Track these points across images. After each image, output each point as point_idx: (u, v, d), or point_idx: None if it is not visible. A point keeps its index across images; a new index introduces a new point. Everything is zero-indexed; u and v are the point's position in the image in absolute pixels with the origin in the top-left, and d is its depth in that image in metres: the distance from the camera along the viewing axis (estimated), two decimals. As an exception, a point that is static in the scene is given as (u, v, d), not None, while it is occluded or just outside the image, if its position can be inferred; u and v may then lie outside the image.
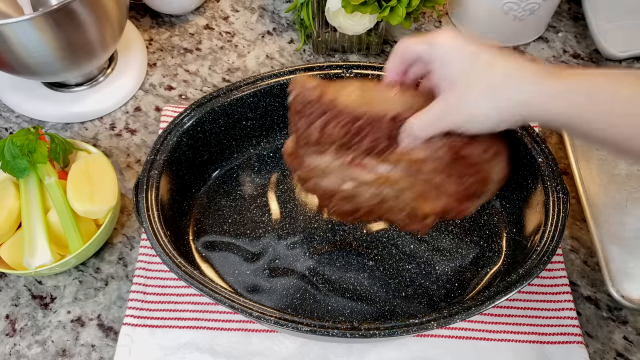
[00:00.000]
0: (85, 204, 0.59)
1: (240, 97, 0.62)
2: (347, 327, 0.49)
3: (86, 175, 0.61)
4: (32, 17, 0.57)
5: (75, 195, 0.60)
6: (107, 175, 0.62)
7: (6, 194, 0.61)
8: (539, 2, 0.74)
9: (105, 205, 0.60)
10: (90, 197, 0.60)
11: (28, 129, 0.62)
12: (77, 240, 0.59)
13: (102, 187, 0.61)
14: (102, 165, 0.63)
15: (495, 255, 0.62)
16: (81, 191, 0.60)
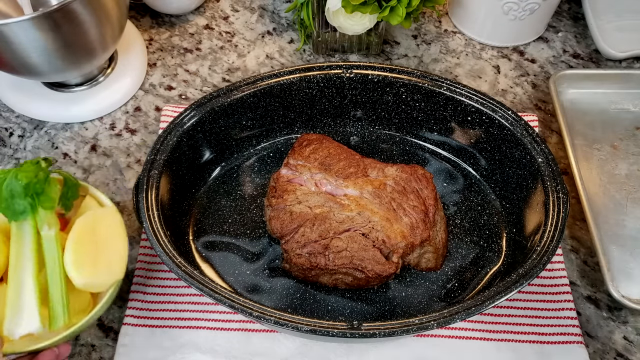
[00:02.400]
0: (84, 275, 0.48)
1: (240, 97, 0.62)
2: (347, 327, 0.49)
3: (92, 234, 0.50)
4: (32, 17, 0.57)
5: (75, 260, 0.48)
6: (117, 239, 0.51)
7: None
8: (539, 2, 0.74)
9: (109, 278, 0.50)
10: (93, 266, 0.49)
11: (38, 163, 0.50)
12: (62, 317, 0.47)
13: (109, 253, 0.50)
14: (113, 224, 0.52)
15: (495, 255, 0.62)
16: (83, 256, 0.49)
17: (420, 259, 0.60)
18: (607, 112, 0.74)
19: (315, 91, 0.65)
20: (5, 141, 0.73)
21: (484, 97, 0.62)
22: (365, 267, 0.56)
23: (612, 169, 0.69)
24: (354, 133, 0.70)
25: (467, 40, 0.82)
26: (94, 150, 0.72)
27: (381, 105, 0.67)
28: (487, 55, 0.81)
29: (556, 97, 0.71)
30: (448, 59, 0.80)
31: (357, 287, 0.59)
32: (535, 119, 0.72)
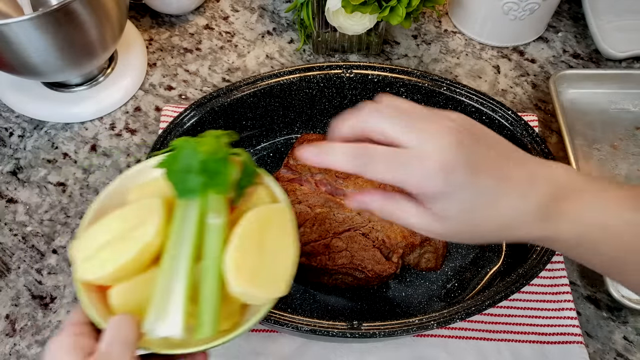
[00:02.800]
0: (244, 281, 0.39)
1: (240, 97, 0.62)
2: (347, 327, 0.49)
3: (260, 235, 0.41)
4: (32, 17, 0.57)
5: (237, 262, 0.39)
6: (286, 247, 0.42)
7: (147, 220, 0.41)
8: (539, 2, 0.74)
9: (270, 291, 0.40)
10: (255, 274, 0.39)
11: (222, 136, 0.43)
12: (210, 326, 0.39)
13: (275, 262, 0.41)
14: (284, 227, 0.42)
15: (495, 255, 0.62)
16: (247, 259, 0.40)
17: (420, 259, 0.60)
18: (607, 112, 0.74)
19: (315, 91, 0.65)
20: (5, 141, 0.73)
21: (484, 97, 0.62)
22: (366, 267, 0.56)
23: (612, 169, 0.69)
24: (354, 133, 0.70)
25: (467, 40, 0.82)
26: (94, 150, 0.72)
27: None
28: (487, 55, 0.81)
29: (556, 97, 0.71)
30: (448, 59, 0.80)
31: (357, 287, 0.59)
32: (535, 119, 0.72)
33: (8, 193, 0.68)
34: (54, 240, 0.65)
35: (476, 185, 0.33)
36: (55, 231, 0.66)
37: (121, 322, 0.37)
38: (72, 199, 0.68)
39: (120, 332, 0.36)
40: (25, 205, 0.67)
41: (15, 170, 0.70)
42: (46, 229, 0.66)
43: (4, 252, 0.64)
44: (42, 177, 0.70)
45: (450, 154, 0.33)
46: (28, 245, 0.65)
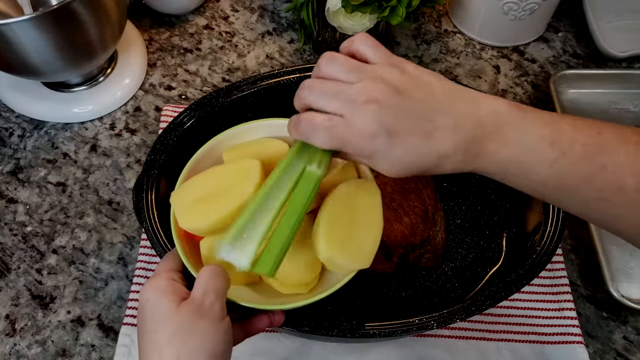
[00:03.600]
0: (333, 248, 0.42)
1: (240, 97, 0.62)
2: (347, 327, 0.49)
3: (349, 208, 0.44)
4: (32, 17, 0.57)
5: (328, 228, 0.42)
6: (373, 222, 0.45)
7: (247, 178, 0.44)
8: (539, 2, 0.74)
9: (355, 262, 0.43)
10: (343, 242, 0.42)
11: None
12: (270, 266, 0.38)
13: (362, 235, 0.44)
14: (372, 203, 0.45)
15: (495, 255, 0.62)
16: (337, 226, 0.42)
17: (420, 258, 0.60)
18: (607, 112, 0.74)
19: (315, 91, 0.65)
20: (5, 141, 0.73)
21: (484, 97, 0.62)
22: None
23: (612, 169, 0.69)
24: (354, 133, 0.70)
25: (467, 40, 0.82)
26: (94, 150, 0.72)
27: (381, 105, 0.67)
28: (487, 55, 0.81)
29: (556, 97, 0.71)
30: (448, 59, 0.80)
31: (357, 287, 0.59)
32: (535, 119, 0.72)
33: (8, 193, 0.68)
34: (54, 240, 0.65)
35: (400, 145, 0.37)
36: (55, 231, 0.66)
37: (215, 272, 0.39)
38: (72, 199, 0.68)
39: (214, 282, 0.39)
40: (25, 205, 0.67)
41: (15, 170, 0.70)
42: (46, 229, 0.66)
43: (4, 252, 0.64)
44: (42, 177, 0.70)
45: (372, 122, 0.36)
46: (28, 245, 0.65)
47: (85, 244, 0.65)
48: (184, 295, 0.39)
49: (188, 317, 0.37)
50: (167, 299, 0.38)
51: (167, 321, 0.37)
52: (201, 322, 0.37)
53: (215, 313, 0.38)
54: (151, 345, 0.37)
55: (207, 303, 0.38)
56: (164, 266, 0.42)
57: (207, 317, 0.37)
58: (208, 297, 0.38)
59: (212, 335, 0.37)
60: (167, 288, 0.39)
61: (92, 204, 0.67)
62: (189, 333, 0.36)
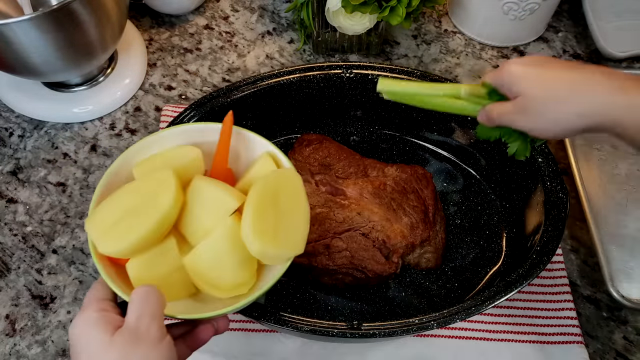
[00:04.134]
0: (264, 241, 0.41)
1: (240, 97, 0.62)
2: (347, 327, 0.49)
3: (273, 199, 0.43)
4: (32, 17, 0.57)
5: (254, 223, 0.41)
6: (299, 207, 0.45)
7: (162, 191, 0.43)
8: (539, 2, 0.74)
9: (288, 250, 0.43)
10: (274, 234, 0.42)
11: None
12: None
13: (290, 223, 0.44)
14: (294, 190, 0.45)
15: (495, 255, 0.62)
16: (263, 220, 0.42)
17: (420, 259, 0.60)
18: (607, 112, 0.74)
19: (315, 91, 0.65)
20: (5, 141, 0.73)
21: (484, 97, 0.62)
22: (366, 267, 0.56)
23: (612, 169, 0.69)
24: (354, 133, 0.70)
25: (467, 40, 0.82)
26: (94, 150, 0.72)
27: (381, 105, 0.67)
28: (487, 55, 0.81)
29: (556, 97, 0.71)
30: (448, 59, 0.80)
31: (357, 287, 0.59)
32: (535, 119, 0.72)
33: (8, 193, 0.68)
34: (54, 240, 0.65)
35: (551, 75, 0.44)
36: (55, 231, 0.66)
37: (148, 293, 0.38)
38: (72, 199, 0.68)
39: (147, 304, 0.37)
40: (25, 205, 0.67)
41: (15, 170, 0.70)
42: (46, 229, 0.66)
43: (4, 252, 0.64)
44: (42, 177, 0.70)
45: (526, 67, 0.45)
46: (28, 245, 0.65)
47: (85, 244, 0.65)
48: (119, 324, 0.37)
49: (124, 345, 0.35)
50: (98, 330, 0.36)
51: (102, 354, 0.35)
52: (139, 348, 0.36)
53: (152, 336, 0.36)
54: None
55: (142, 327, 0.36)
56: (93, 296, 0.40)
57: (144, 341, 0.36)
58: (143, 320, 0.36)
59: (153, 359, 0.36)
60: (97, 320, 0.37)
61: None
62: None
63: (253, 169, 0.47)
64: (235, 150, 0.48)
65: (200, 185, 0.44)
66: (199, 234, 0.44)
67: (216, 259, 0.43)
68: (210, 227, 0.43)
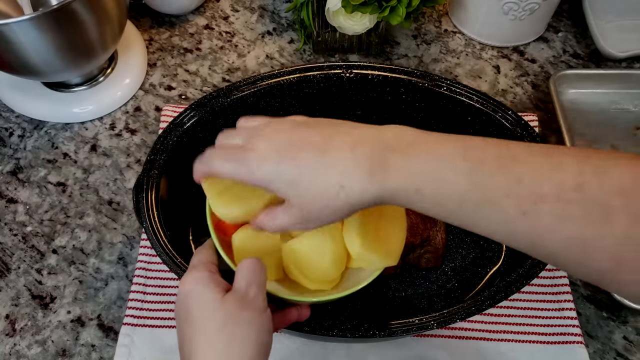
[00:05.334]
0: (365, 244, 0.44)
1: (240, 97, 0.62)
2: (347, 327, 0.49)
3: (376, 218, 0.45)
4: (32, 17, 0.57)
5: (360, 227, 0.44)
6: (398, 222, 0.47)
7: None
8: (539, 2, 0.74)
9: (384, 259, 0.45)
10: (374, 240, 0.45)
11: None
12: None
13: (389, 234, 0.46)
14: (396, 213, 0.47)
15: (495, 255, 0.62)
16: (366, 231, 0.44)
17: (420, 258, 0.60)
18: (607, 112, 0.74)
19: (315, 91, 0.65)
20: (5, 141, 0.73)
21: (484, 97, 0.62)
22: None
23: (612, 169, 0.69)
24: (354, 133, 0.70)
25: (467, 40, 0.82)
26: (94, 150, 0.72)
27: (381, 105, 0.67)
28: (487, 55, 0.81)
29: (556, 97, 0.71)
30: (448, 59, 0.80)
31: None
32: (535, 119, 0.72)
33: (8, 193, 0.68)
34: (54, 240, 0.65)
35: (293, 165, 0.37)
36: (55, 231, 0.66)
37: (257, 266, 0.41)
38: (72, 199, 0.68)
39: (257, 274, 0.40)
40: (25, 205, 0.67)
41: (15, 170, 0.70)
42: (46, 229, 0.66)
43: (4, 252, 0.64)
44: (42, 177, 0.70)
45: (266, 146, 0.37)
46: (28, 245, 0.65)
47: (85, 244, 0.65)
48: (225, 287, 0.40)
49: (234, 307, 0.38)
50: (211, 289, 0.39)
51: (213, 311, 0.38)
52: (246, 312, 0.38)
53: (258, 304, 0.39)
54: (199, 334, 0.38)
55: (250, 295, 0.39)
56: (200, 258, 0.43)
57: (251, 308, 0.39)
58: (251, 289, 0.39)
59: (257, 324, 0.38)
60: (209, 279, 0.40)
61: (92, 204, 0.67)
62: (236, 322, 0.38)
63: None
64: None
65: None
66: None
67: (317, 251, 0.45)
68: None
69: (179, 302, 0.41)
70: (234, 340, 0.37)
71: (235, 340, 0.37)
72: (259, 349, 0.38)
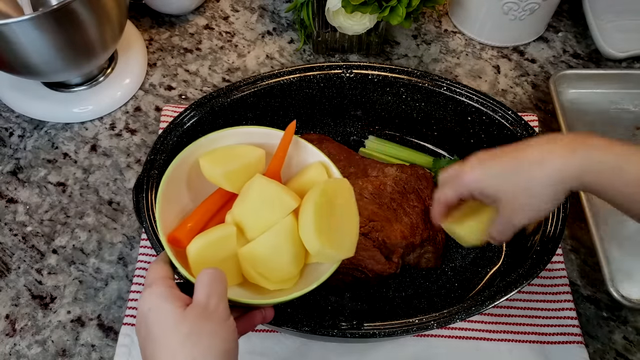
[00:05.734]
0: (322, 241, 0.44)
1: (240, 97, 0.62)
2: (347, 327, 0.49)
3: (329, 205, 0.46)
4: (32, 17, 0.57)
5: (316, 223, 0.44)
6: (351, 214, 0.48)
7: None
8: (539, 2, 0.74)
9: (340, 252, 0.46)
10: (328, 235, 0.45)
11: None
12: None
13: (343, 227, 0.47)
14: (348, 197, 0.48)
15: (495, 255, 0.62)
16: (322, 224, 0.45)
17: (420, 258, 0.60)
18: (607, 112, 0.74)
19: (315, 91, 0.65)
20: (5, 141, 0.73)
21: (484, 97, 0.62)
22: (366, 267, 0.56)
23: (612, 169, 0.69)
24: (354, 133, 0.70)
25: (467, 40, 0.82)
26: (94, 150, 0.72)
27: (381, 105, 0.67)
28: (487, 55, 0.81)
29: (556, 97, 0.71)
30: (448, 59, 0.80)
31: (357, 287, 0.59)
32: (535, 119, 0.72)
33: (8, 193, 0.68)
34: (54, 240, 0.65)
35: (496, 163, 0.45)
36: (55, 231, 0.66)
37: (216, 275, 0.40)
38: (72, 199, 0.68)
39: (216, 285, 0.40)
40: (25, 205, 0.67)
41: (15, 170, 0.70)
42: (46, 229, 0.66)
43: (4, 252, 0.64)
44: (42, 177, 0.70)
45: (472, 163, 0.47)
46: (28, 245, 0.65)
47: (85, 244, 0.65)
48: (186, 300, 0.40)
49: (196, 320, 0.38)
50: (171, 305, 0.39)
51: (175, 326, 0.38)
52: (209, 324, 0.38)
53: (220, 314, 0.39)
54: (162, 350, 0.38)
55: (211, 305, 0.39)
56: (155, 274, 0.42)
57: (213, 318, 0.38)
58: (212, 299, 0.39)
59: (221, 335, 0.38)
60: (167, 294, 0.40)
61: (92, 204, 0.67)
62: (199, 335, 0.37)
63: (306, 175, 0.50)
64: (287, 156, 0.51)
65: (262, 183, 0.47)
66: (257, 228, 0.46)
67: (274, 252, 0.46)
68: (270, 223, 0.46)
69: (139, 322, 0.40)
70: (199, 353, 0.37)
71: (200, 353, 0.37)
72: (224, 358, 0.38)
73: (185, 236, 0.46)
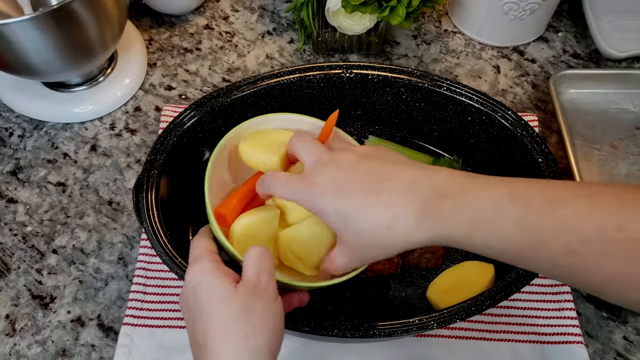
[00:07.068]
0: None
1: (240, 97, 0.62)
2: (347, 327, 0.49)
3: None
4: (32, 17, 0.57)
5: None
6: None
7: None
8: (539, 2, 0.74)
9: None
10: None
11: None
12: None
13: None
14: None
15: (495, 255, 0.62)
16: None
17: (420, 258, 0.60)
18: (607, 112, 0.74)
19: (315, 91, 0.65)
20: (5, 141, 0.73)
21: (484, 97, 0.62)
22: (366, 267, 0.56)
23: (612, 169, 0.69)
24: (354, 133, 0.70)
25: (467, 40, 0.82)
26: (94, 150, 0.72)
27: (381, 105, 0.67)
28: (487, 55, 0.81)
29: (556, 97, 0.71)
30: (448, 59, 0.80)
31: (357, 287, 0.59)
32: (535, 119, 0.72)
33: (8, 193, 0.68)
34: (54, 240, 0.65)
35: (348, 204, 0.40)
36: (55, 231, 0.66)
37: (265, 254, 0.41)
38: (72, 199, 0.68)
39: (266, 263, 0.40)
40: (25, 205, 0.67)
41: (15, 170, 0.70)
42: (46, 229, 0.66)
43: (4, 252, 0.64)
44: (42, 177, 0.70)
45: (326, 181, 0.41)
46: (28, 245, 0.65)
47: (85, 244, 0.65)
48: (234, 277, 0.40)
49: (247, 297, 0.38)
50: (221, 280, 0.39)
51: (227, 302, 0.38)
52: (260, 301, 0.39)
53: (270, 292, 0.39)
54: (213, 325, 0.38)
55: (262, 283, 0.39)
56: (203, 247, 0.43)
57: (264, 296, 0.39)
58: (262, 277, 0.40)
59: (271, 313, 0.39)
60: (217, 269, 0.40)
61: (92, 204, 0.67)
62: (250, 313, 0.38)
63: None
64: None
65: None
66: (298, 212, 0.47)
67: (314, 238, 0.46)
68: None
69: (186, 293, 0.40)
70: (251, 330, 0.37)
71: (251, 330, 0.37)
72: (276, 338, 0.38)
73: (229, 214, 0.47)
